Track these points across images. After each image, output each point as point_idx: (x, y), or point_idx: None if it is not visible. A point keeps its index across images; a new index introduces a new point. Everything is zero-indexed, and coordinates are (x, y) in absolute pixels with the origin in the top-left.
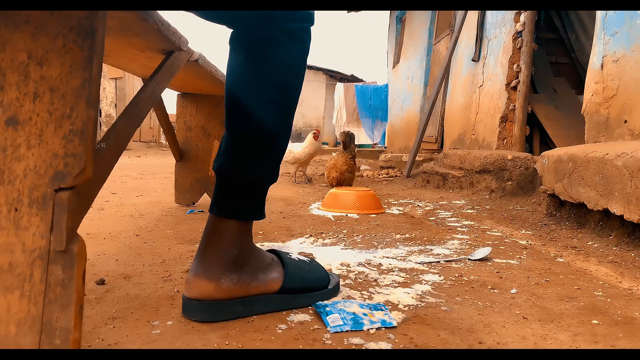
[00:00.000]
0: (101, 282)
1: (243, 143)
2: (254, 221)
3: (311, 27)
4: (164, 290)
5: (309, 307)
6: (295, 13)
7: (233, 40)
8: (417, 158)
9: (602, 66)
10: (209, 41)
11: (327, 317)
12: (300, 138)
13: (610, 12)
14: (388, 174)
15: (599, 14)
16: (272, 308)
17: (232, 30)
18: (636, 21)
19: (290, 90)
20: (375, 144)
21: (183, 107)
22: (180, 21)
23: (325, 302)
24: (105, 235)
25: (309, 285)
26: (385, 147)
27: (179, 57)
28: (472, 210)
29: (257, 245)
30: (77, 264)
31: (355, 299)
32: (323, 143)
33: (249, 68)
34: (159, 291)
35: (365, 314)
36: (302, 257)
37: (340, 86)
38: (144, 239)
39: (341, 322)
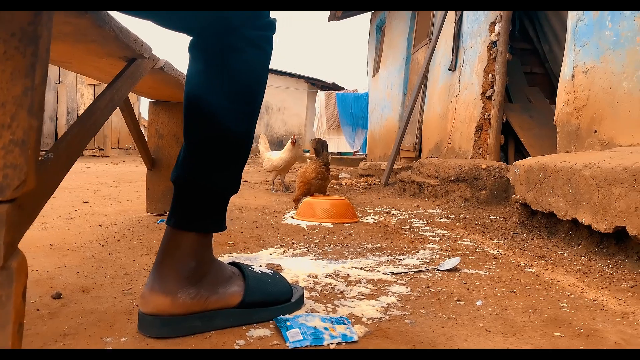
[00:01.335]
0: (57, 296)
1: (202, 152)
2: (221, 232)
3: (273, 35)
4: (123, 305)
5: (270, 322)
6: (255, 21)
7: (192, 48)
8: (396, 166)
9: (572, 77)
10: (182, 49)
11: (287, 332)
12: (281, 146)
13: (581, 24)
14: (366, 182)
15: (570, 25)
16: (231, 323)
17: (191, 37)
18: (605, 32)
19: (250, 98)
20: (356, 152)
21: (155, 115)
22: (151, 30)
23: (287, 316)
24: (69, 246)
25: (271, 299)
26: (366, 155)
27: (141, 65)
28: (446, 219)
29: (226, 255)
30: (17, 280)
31: (318, 312)
32: (305, 151)
33: (208, 76)
34: (117, 305)
35: (326, 328)
36: (265, 270)
37: (321, 94)
38: (110, 250)
39: (301, 337)
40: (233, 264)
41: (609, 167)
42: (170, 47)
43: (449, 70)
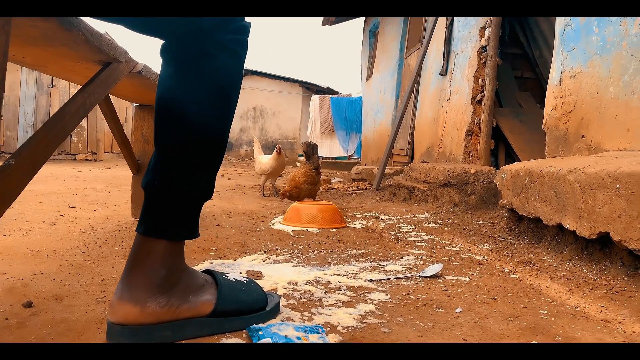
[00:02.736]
0: (28, 305)
1: (173, 158)
2: (205, 238)
3: (247, 39)
4: (95, 313)
5: (243, 331)
6: (228, 25)
7: (163, 52)
8: (388, 170)
9: (560, 81)
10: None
11: (259, 342)
12: None
13: (568, 29)
14: (358, 186)
15: (558, 30)
16: (203, 332)
17: (162, 41)
18: (592, 37)
19: (223, 103)
20: (351, 156)
21: (140, 119)
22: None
23: (260, 325)
24: (49, 252)
25: (244, 307)
26: (360, 160)
27: (117, 69)
28: (434, 225)
29: (207, 262)
30: None
31: (294, 321)
32: (299, 155)
33: (180, 80)
34: (89, 314)
35: (299, 338)
36: (239, 278)
37: (315, 98)
38: (89, 256)
39: None
40: (207, 271)
41: (593, 173)
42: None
43: (440, 74)
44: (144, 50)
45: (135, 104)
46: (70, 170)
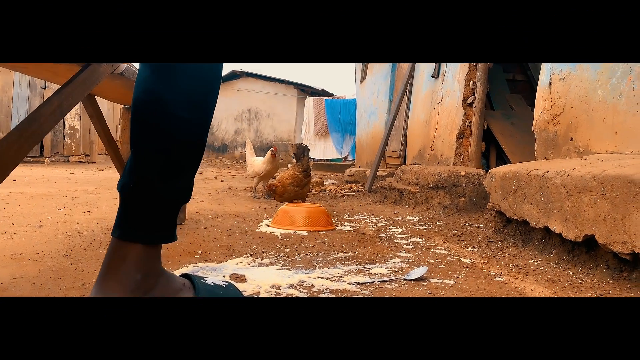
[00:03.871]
0: None
1: (149, 161)
2: (191, 241)
3: None
4: None
5: None
6: None
7: None
8: (381, 173)
9: (550, 84)
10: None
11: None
12: None
13: None
14: (350, 188)
15: None
16: None
17: None
18: None
19: (201, 106)
20: (345, 158)
21: (128, 121)
22: None
23: None
24: (32, 255)
25: None
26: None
27: (98, 70)
28: (424, 227)
29: (190, 266)
30: None
31: None
32: (292, 157)
33: (156, 82)
34: None
35: None
36: (218, 282)
37: (309, 100)
38: (72, 260)
39: None
40: (185, 275)
41: (579, 175)
42: None
43: (432, 77)
44: None
45: (124, 106)
46: (63, 172)
